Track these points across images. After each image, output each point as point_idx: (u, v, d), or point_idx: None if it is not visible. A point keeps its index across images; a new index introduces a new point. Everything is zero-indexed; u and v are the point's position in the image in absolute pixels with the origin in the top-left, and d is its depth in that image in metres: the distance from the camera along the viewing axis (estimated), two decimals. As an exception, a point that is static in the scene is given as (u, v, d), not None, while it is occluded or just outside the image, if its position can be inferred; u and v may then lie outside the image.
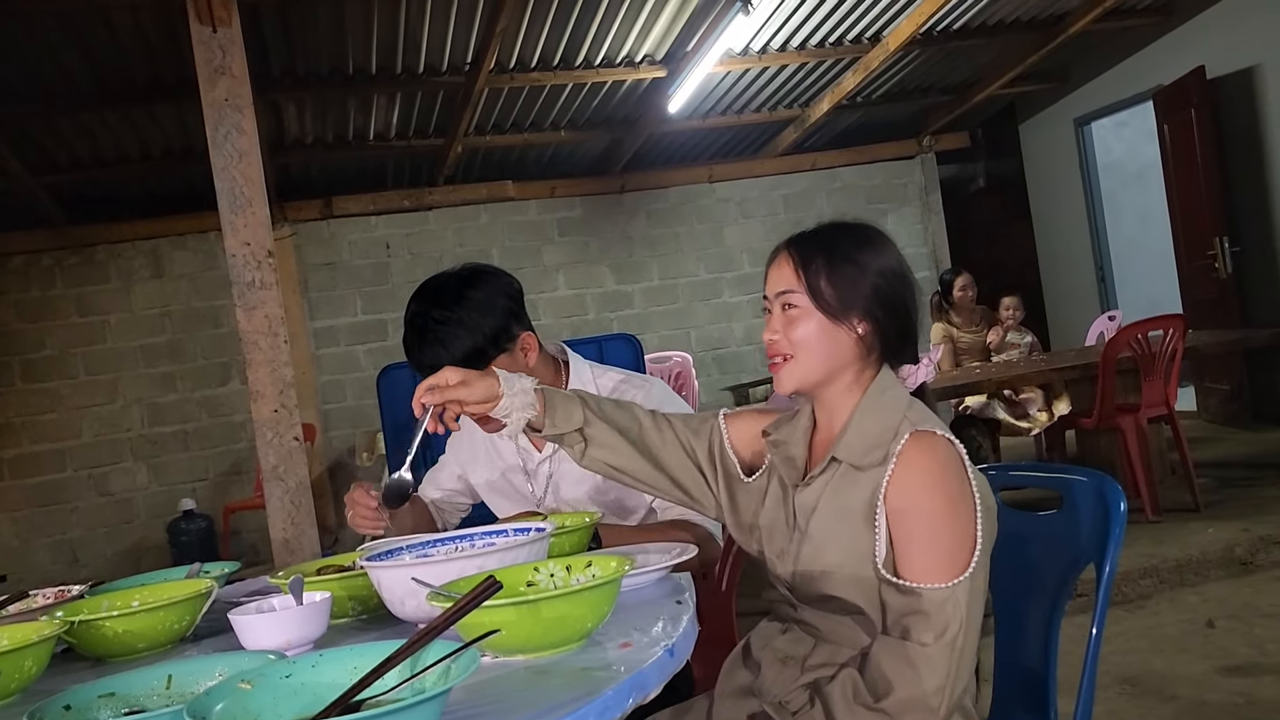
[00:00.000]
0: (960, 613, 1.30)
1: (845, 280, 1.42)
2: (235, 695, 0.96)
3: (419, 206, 7.31)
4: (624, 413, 1.56)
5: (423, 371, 1.87)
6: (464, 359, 1.81)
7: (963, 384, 4.83)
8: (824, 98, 7.03)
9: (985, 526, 1.35)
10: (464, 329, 1.81)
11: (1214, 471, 5.18)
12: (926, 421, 1.38)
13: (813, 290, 1.42)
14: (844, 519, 1.38)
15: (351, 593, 1.51)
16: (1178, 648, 3.28)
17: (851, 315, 1.41)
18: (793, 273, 1.44)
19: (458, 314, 1.82)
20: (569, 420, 1.51)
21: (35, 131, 5.60)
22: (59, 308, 6.74)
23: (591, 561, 1.34)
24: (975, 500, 1.35)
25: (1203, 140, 6.29)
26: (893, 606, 1.33)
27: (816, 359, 1.42)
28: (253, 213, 3.32)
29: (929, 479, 1.34)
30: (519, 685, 1.10)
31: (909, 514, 1.34)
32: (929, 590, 1.30)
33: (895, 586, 1.33)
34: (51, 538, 6.71)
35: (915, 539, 1.33)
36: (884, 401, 1.42)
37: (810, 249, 1.45)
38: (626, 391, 1.98)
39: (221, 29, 3.29)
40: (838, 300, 1.41)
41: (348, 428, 7.16)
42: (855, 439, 1.40)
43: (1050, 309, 8.48)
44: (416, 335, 1.85)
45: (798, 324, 1.42)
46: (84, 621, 1.45)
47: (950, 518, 1.33)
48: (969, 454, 1.40)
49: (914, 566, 1.32)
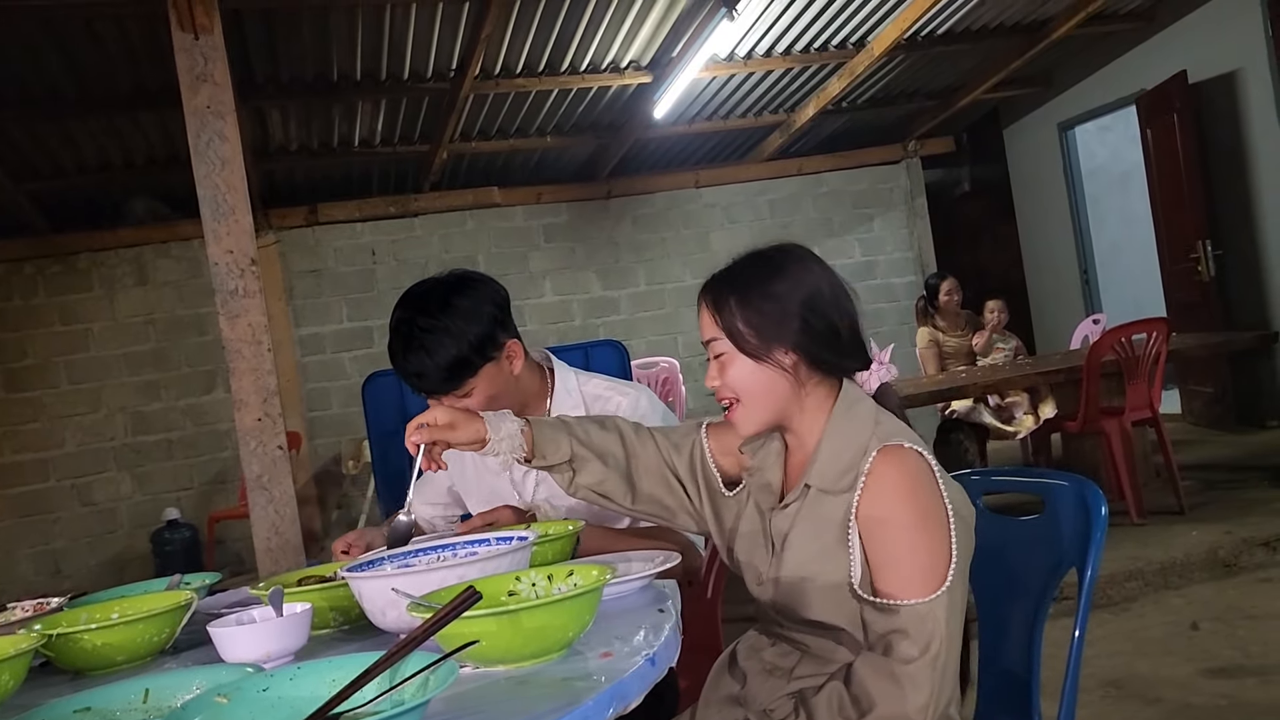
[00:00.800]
0: (941, 628, 1.29)
1: (760, 317, 1.41)
2: (211, 710, 0.95)
3: (404, 213, 7.29)
4: (608, 435, 1.58)
5: (408, 380, 1.86)
6: (449, 367, 1.80)
7: (948, 388, 4.84)
8: (809, 103, 7.05)
9: (960, 538, 1.34)
10: (450, 337, 1.80)
11: (1198, 474, 5.21)
12: (895, 436, 1.37)
13: (730, 333, 1.42)
14: (818, 542, 1.38)
15: (333, 603, 1.50)
16: (1162, 650, 3.29)
17: (775, 350, 1.41)
18: (711, 319, 1.45)
19: (443, 322, 1.80)
20: (557, 452, 1.54)
21: (17, 138, 5.57)
22: (41, 316, 6.69)
23: (573, 570, 1.33)
24: (948, 512, 1.34)
25: (1185, 144, 6.33)
26: (873, 625, 1.33)
27: (759, 399, 1.43)
28: (235, 220, 3.30)
29: (899, 494, 1.33)
30: (499, 695, 1.09)
31: (881, 530, 1.33)
32: (908, 606, 1.30)
33: (874, 605, 1.32)
34: (34, 548, 6.66)
35: (890, 555, 1.33)
36: (851, 418, 1.41)
37: (722, 292, 1.45)
38: (611, 399, 1.98)
39: (204, 36, 3.28)
40: (758, 338, 1.41)
41: (333, 435, 7.13)
42: (827, 464, 1.39)
43: (1035, 312, 8.52)
44: (402, 343, 1.83)
45: (728, 369, 1.43)
46: (62, 634, 1.43)
47: (923, 532, 1.32)
48: (955, 459, 1.40)
49: (891, 583, 1.32)
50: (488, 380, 1.84)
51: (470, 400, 1.82)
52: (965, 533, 1.36)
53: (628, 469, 1.57)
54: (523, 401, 1.93)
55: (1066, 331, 7.21)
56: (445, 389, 1.82)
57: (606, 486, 1.57)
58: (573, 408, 1.95)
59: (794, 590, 1.39)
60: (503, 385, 1.87)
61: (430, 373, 1.80)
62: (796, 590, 1.39)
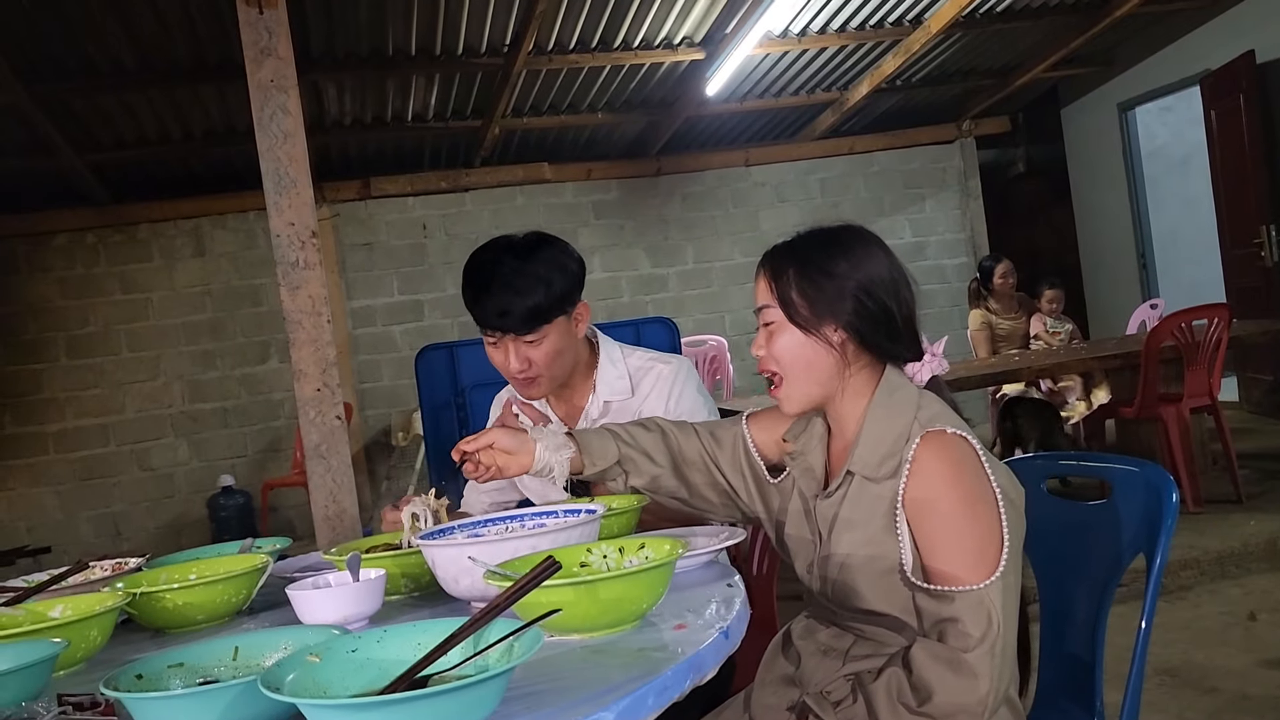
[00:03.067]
0: (997, 613, 1.28)
1: (816, 290, 1.41)
2: (305, 668, 0.98)
3: (456, 188, 7.34)
4: (652, 435, 1.61)
5: (488, 318, 1.86)
6: (533, 309, 1.82)
7: (1000, 371, 4.79)
8: (863, 81, 6.96)
9: (1011, 521, 1.33)
10: (540, 282, 1.83)
11: (1256, 463, 5.11)
12: (937, 420, 1.36)
13: (784, 303, 1.42)
14: (865, 530, 1.37)
15: (404, 570, 1.53)
16: (1219, 640, 3.25)
17: (825, 326, 1.40)
18: (767, 286, 1.45)
19: (535, 267, 1.84)
20: (605, 456, 1.57)
21: (80, 109, 5.67)
22: (103, 285, 6.84)
23: (644, 544, 1.35)
24: (996, 495, 1.33)
25: (1250, 126, 6.17)
26: (927, 612, 1.32)
27: (801, 374, 1.43)
28: (297, 193, 3.34)
29: (945, 480, 1.32)
30: (576, 664, 1.11)
31: (929, 517, 1.33)
32: (961, 593, 1.29)
33: (927, 592, 1.32)
34: (94, 511, 6.84)
35: (939, 542, 1.32)
36: (893, 404, 1.40)
37: (782, 261, 1.45)
38: (654, 368, 1.99)
39: (268, 10, 3.31)
40: (810, 311, 1.41)
41: (384, 407, 7.23)
42: (868, 450, 1.38)
43: (1090, 296, 8.38)
44: (486, 280, 1.86)
45: (776, 338, 1.44)
46: (145, 593, 1.48)
47: (971, 517, 1.31)
48: (1012, 442, 1.39)
49: (943, 570, 1.31)
50: (558, 333, 1.87)
51: (539, 349, 1.86)
52: (1016, 516, 1.35)
53: (675, 465, 1.59)
54: (575, 366, 1.96)
55: (1122, 316, 7.08)
56: (524, 329, 1.84)
57: (661, 484, 1.60)
58: (617, 378, 1.98)
59: (844, 578, 1.39)
60: (568, 343, 1.90)
61: (516, 311, 1.82)
62: (846, 578, 1.39)
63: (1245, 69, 6.17)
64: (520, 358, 1.86)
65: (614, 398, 1.97)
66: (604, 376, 1.98)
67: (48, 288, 6.78)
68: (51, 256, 6.78)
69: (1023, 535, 1.37)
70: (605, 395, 1.97)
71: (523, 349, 1.86)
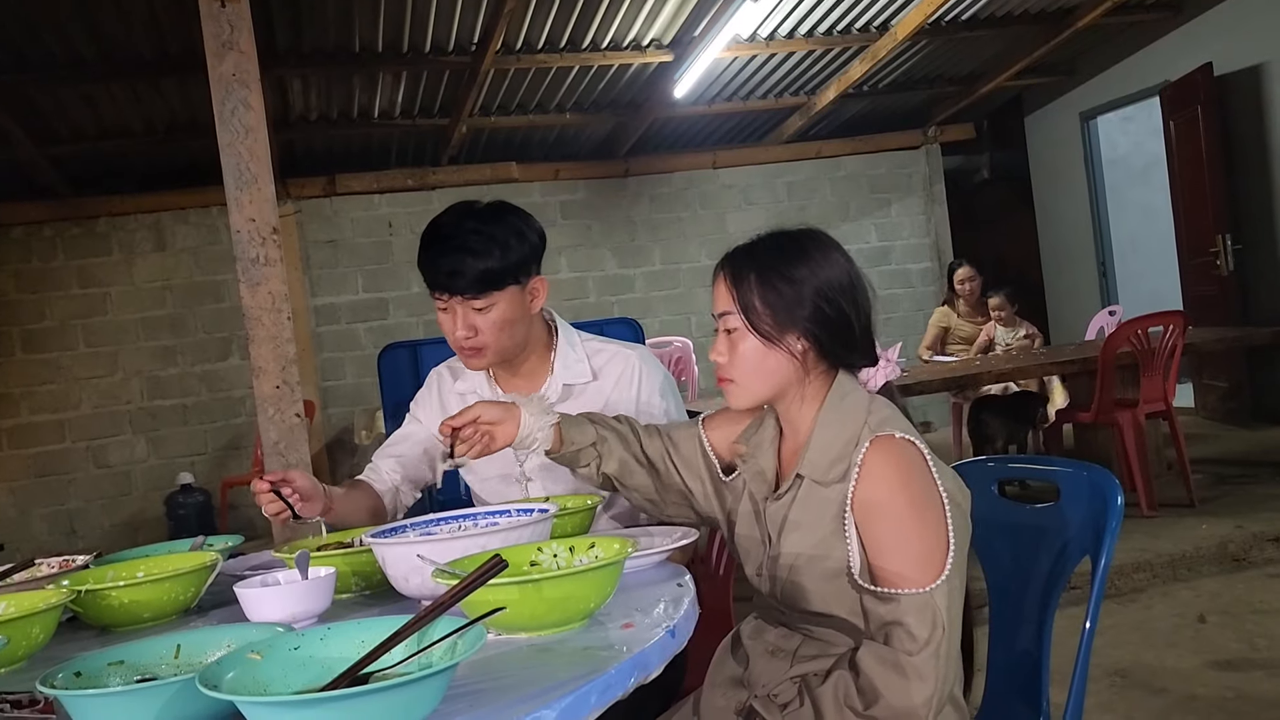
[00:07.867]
0: (942, 616, 1.29)
1: (777, 297, 1.40)
2: (245, 665, 0.97)
3: (422, 186, 7.30)
4: (623, 426, 1.63)
5: (437, 278, 1.81)
6: (485, 272, 1.78)
7: (961, 375, 4.84)
8: (830, 86, 7.01)
9: (957, 525, 1.34)
10: (496, 245, 1.78)
11: (1210, 468, 5.20)
12: (887, 425, 1.37)
13: (747, 310, 1.41)
14: (814, 533, 1.38)
15: (355, 568, 1.53)
16: (1169, 642, 3.30)
17: (787, 334, 1.40)
18: (727, 292, 1.44)
19: (491, 230, 1.80)
20: (583, 436, 1.59)
21: (40, 102, 5.59)
22: (60, 279, 6.74)
23: (595, 543, 1.35)
24: (943, 499, 1.34)
25: (1208, 137, 6.28)
26: (874, 614, 1.33)
27: (757, 381, 1.43)
28: (258, 189, 3.31)
29: (892, 484, 1.33)
30: (521, 662, 1.11)
31: (877, 520, 1.34)
32: (907, 595, 1.30)
33: (874, 594, 1.33)
34: (49, 508, 6.73)
35: (887, 544, 1.33)
36: (844, 409, 1.41)
37: (742, 266, 1.44)
38: (619, 353, 1.95)
39: (230, 4, 3.28)
40: (773, 320, 1.40)
41: (347, 405, 7.17)
42: (818, 454, 1.39)
43: (1051, 302, 8.49)
44: (444, 239, 1.81)
45: (738, 346, 1.43)
46: (91, 591, 1.46)
47: (918, 521, 1.33)
48: (983, 444, 1.41)
49: (889, 571, 1.32)
50: (509, 303, 1.81)
51: (487, 317, 1.80)
52: (961, 519, 1.36)
53: (646, 458, 1.60)
54: (529, 345, 1.91)
55: (1082, 322, 7.19)
56: (473, 291, 1.78)
57: (631, 472, 1.60)
58: (576, 360, 1.93)
59: (792, 580, 1.40)
60: (519, 314, 1.84)
61: (467, 272, 1.77)
62: (795, 580, 1.40)
63: (1204, 81, 6.28)
64: (466, 324, 1.80)
65: (574, 381, 1.91)
66: (563, 359, 1.93)
67: (3, 281, 6.66)
68: (8, 250, 6.66)
69: (968, 539, 1.39)
70: (564, 378, 1.91)
71: (471, 315, 1.80)
